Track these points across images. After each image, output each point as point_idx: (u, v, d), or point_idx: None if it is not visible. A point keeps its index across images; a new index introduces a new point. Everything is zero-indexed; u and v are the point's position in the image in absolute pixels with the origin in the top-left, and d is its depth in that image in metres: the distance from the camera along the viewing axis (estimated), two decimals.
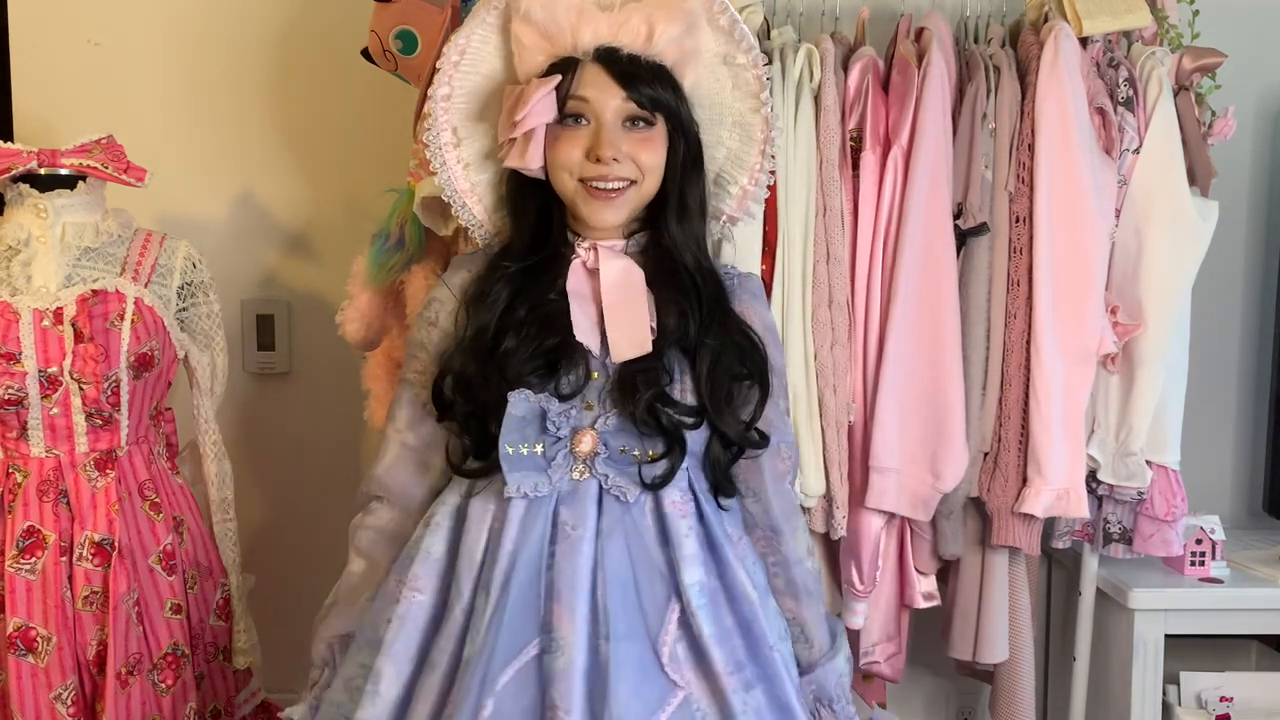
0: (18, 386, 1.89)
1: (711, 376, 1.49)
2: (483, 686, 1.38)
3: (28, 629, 1.88)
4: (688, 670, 1.44)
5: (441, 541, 1.51)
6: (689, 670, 1.44)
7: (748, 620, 1.47)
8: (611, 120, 1.47)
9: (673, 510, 1.48)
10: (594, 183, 1.47)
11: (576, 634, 1.40)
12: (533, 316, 1.49)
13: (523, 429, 1.45)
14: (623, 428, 1.47)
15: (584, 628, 1.40)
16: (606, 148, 1.46)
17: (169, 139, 2.47)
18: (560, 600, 1.41)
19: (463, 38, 1.55)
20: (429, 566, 1.50)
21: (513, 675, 1.39)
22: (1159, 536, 2.04)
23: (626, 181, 1.48)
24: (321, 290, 2.54)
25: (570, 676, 1.38)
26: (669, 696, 1.41)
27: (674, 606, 1.45)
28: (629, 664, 1.40)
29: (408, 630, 1.48)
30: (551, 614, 1.41)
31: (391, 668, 1.47)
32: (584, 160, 1.47)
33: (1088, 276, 1.95)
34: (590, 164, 1.47)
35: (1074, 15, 1.94)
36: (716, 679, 1.43)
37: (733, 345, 1.51)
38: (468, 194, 1.59)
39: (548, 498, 1.46)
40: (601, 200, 1.48)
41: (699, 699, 1.43)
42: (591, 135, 1.47)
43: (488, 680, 1.39)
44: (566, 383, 1.46)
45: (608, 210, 1.49)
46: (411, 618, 1.49)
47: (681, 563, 1.45)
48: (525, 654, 1.40)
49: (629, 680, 1.39)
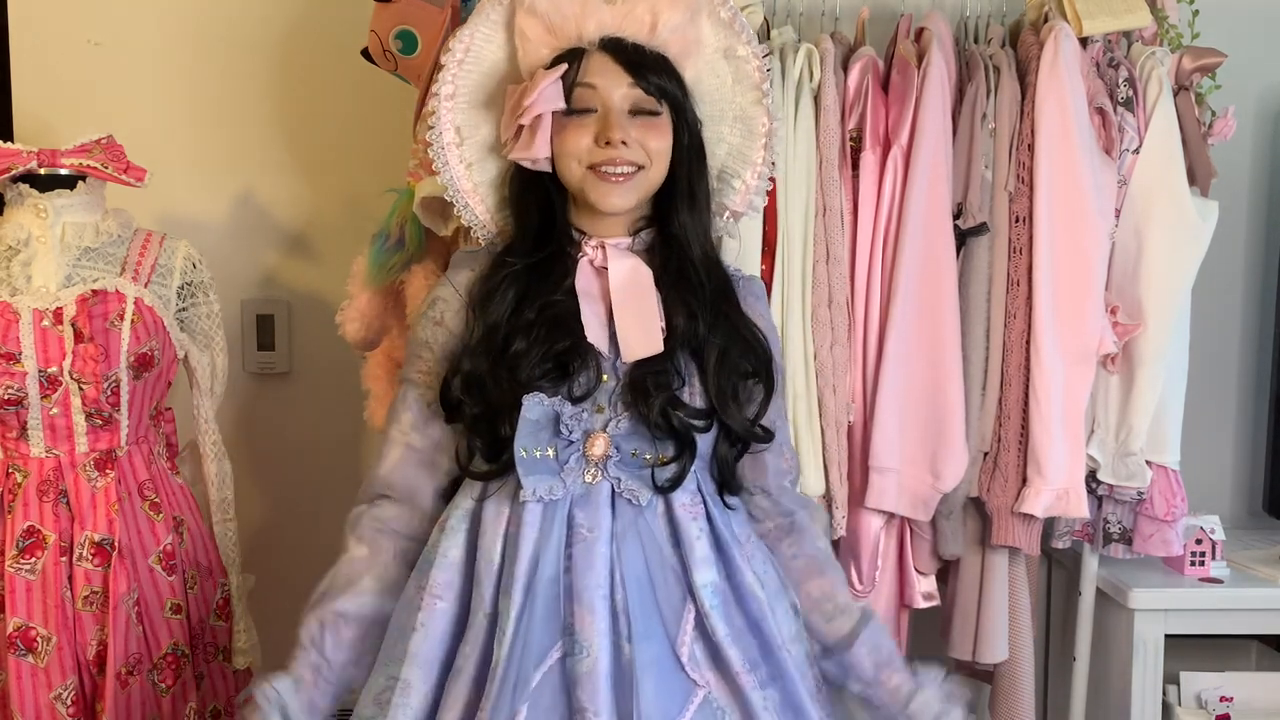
0: (18, 386, 1.89)
1: (719, 373, 1.49)
2: (515, 692, 1.38)
3: (28, 629, 1.88)
4: (706, 670, 1.44)
5: (458, 546, 1.50)
6: (708, 670, 1.44)
7: (757, 620, 1.47)
8: (619, 105, 1.48)
9: (683, 513, 1.48)
10: (603, 167, 1.47)
11: (599, 635, 1.39)
12: (542, 318, 1.48)
13: (537, 432, 1.45)
14: (634, 431, 1.46)
15: (605, 629, 1.40)
16: (616, 130, 1.46)
17: (169, 139, 2.47)
18: (581, 602, 1.41)
19: (467, 35, 1.55)
20: (448, 572, 1.49)
21: (540, 679, 1.39)
22: (1159, 536, 2.04)
23: (635, 166, 1.48)
24: (321, 290, 2.54)
25: (595, 678, 1.38)
26: (691, 695, 1.42)
27: (690, 607, 1.45)
28: (652, 664, 1.40)
29: (432, 638, 1.47)
30: (573, 616, 1.41)
31: (419, 677, 1.46)
32: (593, 146, 1.47)
33: (1088, 276, 1.95)
34: (599, 149, 1.47)
35: (1074, 15, 1.94)
36: (735, 678, 1.43)
37: (739, 341, 1.51)
38: (470, 193, 1.59)
39: (562, 501, 1.45)
40: (610, 183, 1.48)
41: (719, 697, 1.43)
42: (600, 120, 1.47)
43: (520, 685, 1.38)
44: (578, 385, 1.46)
45: (616, 195, 1.49)
46: (435, 625, 1.48)
47: (694, 564, 1.45)
48: (550, 657, 1.40)
49: (653, 680, 1.39)
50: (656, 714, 1.38)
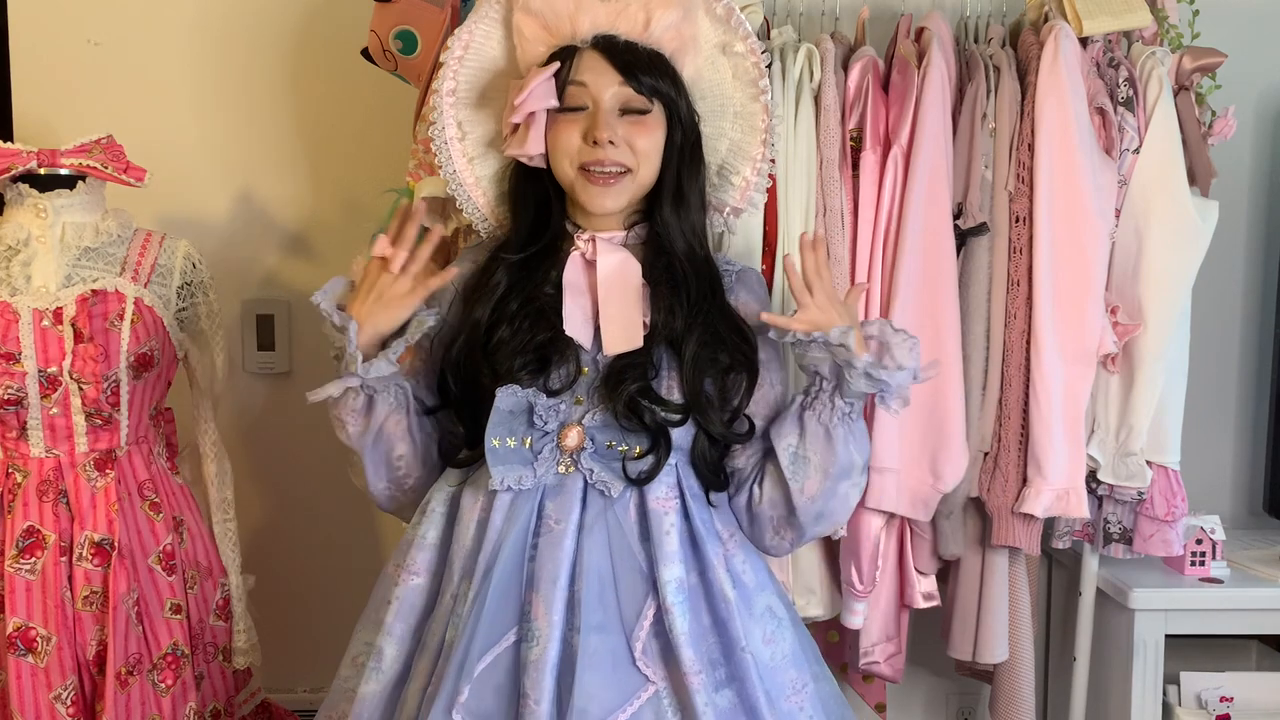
0: (17, 386, 1.89)
1: (695, 369, 1.51)
2: (460, 672, 1.42)
3: (28, 629, 1.88)
4: (659, 666, 1.45)
5: (436, 529, 1.55)
6: (660, 666, 1.45)
7: (724, 620, 1.48)
8: (609, 104, 1.50)
9: (657, 507, 1.49)
10: (592, 168, 1.49)
11: (551, 625, 1.42)
12: (526, 310, 1.51)
13: (509, 423, 1.48)
14: (609, 423, 1.49)
15: (559, 619, 1.43)
16: (603, 129, 1.48)
17: (169, 139, 2.47)
18: (538, 591, 1.44)
19: (466, 32, 1.57)
20: (425, 552, 1.55)
21: (490, 662, 1.43)
22: (1159, 536, 2.04)
23: (622, 168, 1.50)
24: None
25: (542, 666, 1.41)
26: (639, 690, 1.43)
27: (651, 602, 1.47)
28: (600, 655, 1.42)
29: (405, 612, 1.54)
30: (530, 604, 1.44)
31: (391, 647, 1.53)
32: (582, 145, 1.49)
33: (1088, 276, 1.95)
34: (588, 148, 1.49)
35: (1074, 15, 1.94)
36: (684, 677, 1.44)
37: (717, 339, 1.53)
38: (473, 187, 1.62)
39: (533, 491, 1.48)
40: (600, 185, 1.50)
41: (670, 696, 1.45)
42: (589, 118, 1.50)
43: (465, 666, 1.42)
44: (556, 378, 1.49)
45: (606, 196, 1.51)
46: (409, 600, 1.54)
47: (661, 559, 1.47)
48: (504, 641, 1.44)
49: (599, 670, 1.41)
50: (594, 706, 1.39)
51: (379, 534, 2.58)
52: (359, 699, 1.51)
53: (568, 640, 1.43)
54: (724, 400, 1.54)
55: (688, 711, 1.43)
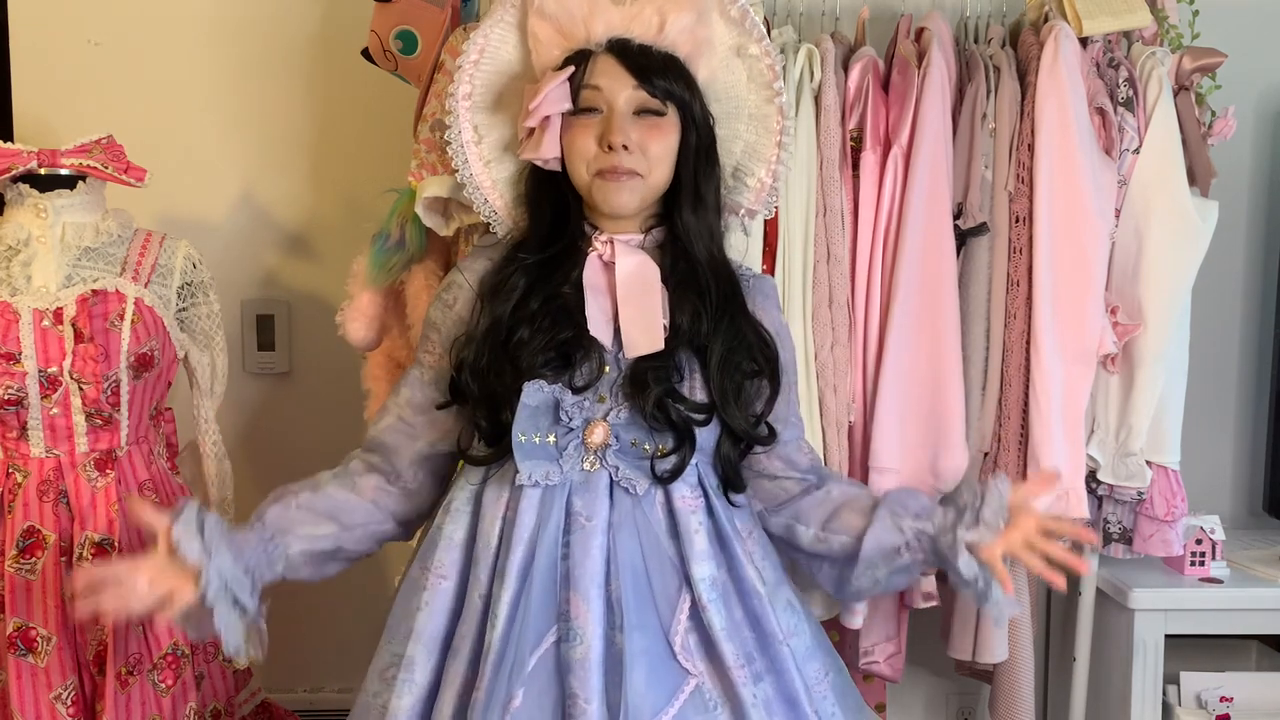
0: (18, 386, 1.89)
1: (721, 372, 1.51)
2: (512, 675, 1.41)
3: (28, 629, 1.88)
4: (699, 660, 1.46)
5: (462, 528, 1.53)
6: (700, 660, 1.46)
7: (757, 615, 1.50)
8: (623, 108, 1.50)
9: (683, 506, 1.50)
10: (606, 174, 1.50)
11: (592, 624, 1.42)
12: (547, 309, 1.51)
13: (536, 418, 1.47)
14: (634, 421, 1.49)
15: (599, 618, 1.43)
16: (616, 133, 1.48)
17: (169, 139, 2.47)
18: (576, 590, 1.44)
19: (482, 36, 1.58)
20: (451, 552, 1.52)
21: (535, 663, 1.42)
22: (1159, 536, 2.04)
23: (635, 175, 1.50)
24: (321, 290, 2.54)
25: (588, 665, 1.41)
26: (682, 684, 1.44)
27: (685, 598, 1.47)
28: (643, 653, 1.42)
29: (436, 616, 1.51)
30: (568, 603, 1.44)
31: (424, 654, 1.49)
32: (598, 150, 1.50)
33: (1088, 276, 1.95)
34: (603, 153, 1.49)
35: (1074, 15, 1.95)
36: (727, 671, 1.45)
37: (743, 342, 1.53)
38: (489, 190, 1.62)
39: (560, 487, 1.48)
40: (614, 184, 1.50)
41: (711, 687, 1.46)
42: (603, 122, 1.50)
43: (516, 668, 1.41)
44: (580, 375, 1.49)
45: (621, 192, 1.51)
46: (439, 604, 1.51)
47: (692, 557, 1.48)
48: (546, 641, 1.43)
49: (643, 669, 1.42)
50: (645, 704, 1.40)
51: None
52: (391, 714, 1.48)
53: (610, 639, 1.43)
54: (745, 406, 1.54)
55: (734, 704, 1.44)
